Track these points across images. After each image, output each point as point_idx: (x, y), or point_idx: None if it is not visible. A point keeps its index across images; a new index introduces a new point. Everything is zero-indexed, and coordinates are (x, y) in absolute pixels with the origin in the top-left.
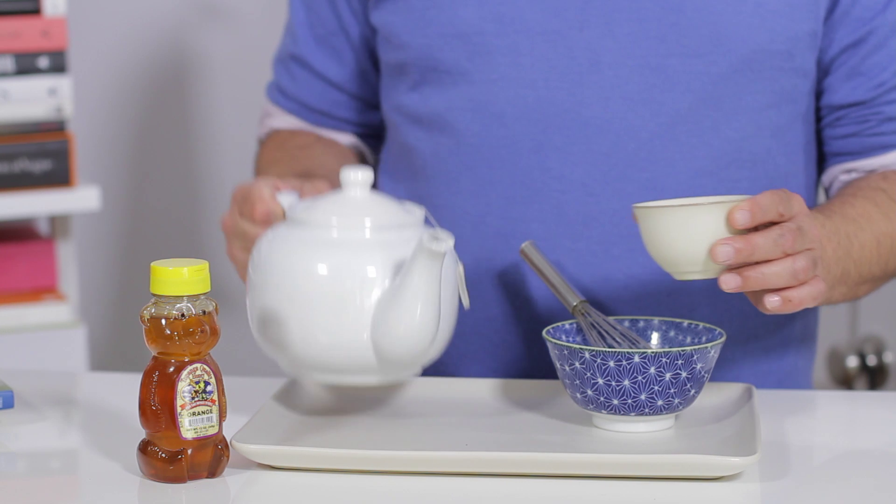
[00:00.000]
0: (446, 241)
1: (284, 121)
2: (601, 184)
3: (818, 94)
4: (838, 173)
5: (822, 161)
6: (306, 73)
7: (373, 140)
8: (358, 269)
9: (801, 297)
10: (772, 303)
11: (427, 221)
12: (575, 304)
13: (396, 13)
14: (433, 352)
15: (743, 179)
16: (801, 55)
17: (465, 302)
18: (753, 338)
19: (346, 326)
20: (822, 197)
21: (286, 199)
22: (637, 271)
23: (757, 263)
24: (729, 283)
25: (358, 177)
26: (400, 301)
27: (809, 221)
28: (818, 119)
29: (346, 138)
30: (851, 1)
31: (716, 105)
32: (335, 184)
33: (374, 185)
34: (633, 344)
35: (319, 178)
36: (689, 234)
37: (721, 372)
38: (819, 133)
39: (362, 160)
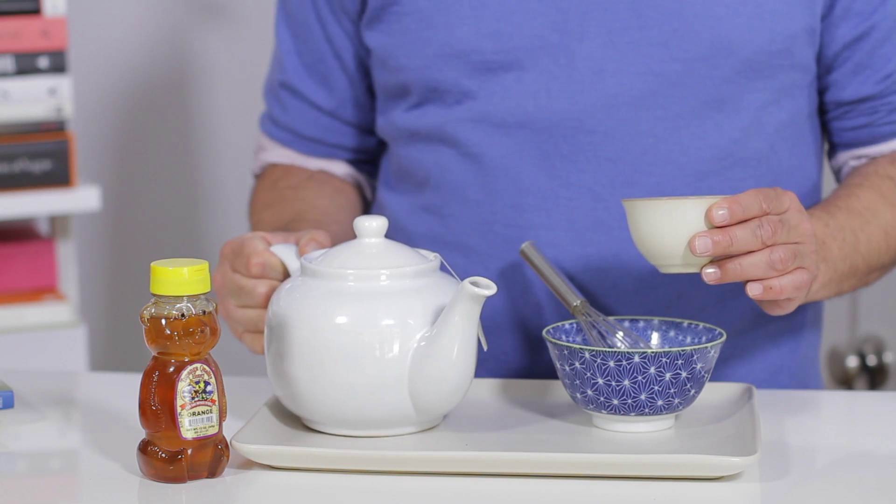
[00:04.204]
0: (489, 287)
1: (278, 154)
2: (609, 189)
3: (822, 89)
4: (848, 159)
5: (831, 149)
6: (297, 101)
7: (369, 166)
8: (390, 318)
9: (781, 286)
10: (753, 290)
11: (443, 267)
12: (575, 304)
13: (391, 35)
14: (462, 396)
15: (748, 177)
16: (800, 51)
17: (484, 344)
18: (763, 338)
19: (382, 378)
20: (827, 180)
21: (282, 250)
22: (647, 276)
23: (737, 256)
24: (709, 274)
25: (373, 225)
26: (439, 345)
27: (798, 216)
28: (824, 112)
29: (341, 167)
30: None
31: (718, 106)
32: (328, 225)
33: (376, 201)
34: (634, 344)
35: (312, 221)
36: (671, 227)
37: (733, 369)
38: (825, 124)
39: (359, 190)
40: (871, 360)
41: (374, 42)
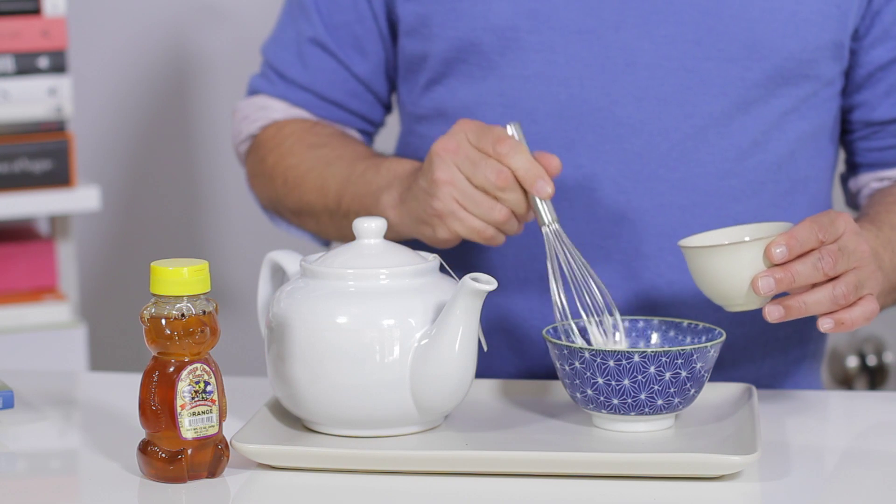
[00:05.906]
0: (490, 282)
1: (287, 113)
2: (632, 182)
3: (851, 108)
4: (870, 181)
5: (851, 170)
6: (328, 59)
7: (367, 137)
8: (390, 318)
9: (853, 319)
10: (825, 326)
11: (442, 268)
12: (547, 222)
13: (426, 4)
14: (464, 393)
15: (768, 181)
16: (824, 64)
17: (484, 345)
18: (773, 340)
19: (383, 378)
20: (837, 197)
21: (281, 256)
22: (665, 269)
23: (799, 293)
24: (773, 314)
25: (372, 226)
26: (441, 342)
27: (855, 239)
28: (849, 131)
29: (352, 134)
30: (892, 20)
31: (745, 109)
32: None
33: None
34: (634, 343)
35: None
36: (732, 271)
37: (739, 373)
38: (849, 144)
39: None
40: (871, 360)
41: (405, 10)
